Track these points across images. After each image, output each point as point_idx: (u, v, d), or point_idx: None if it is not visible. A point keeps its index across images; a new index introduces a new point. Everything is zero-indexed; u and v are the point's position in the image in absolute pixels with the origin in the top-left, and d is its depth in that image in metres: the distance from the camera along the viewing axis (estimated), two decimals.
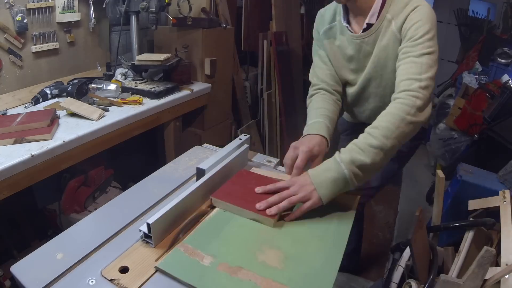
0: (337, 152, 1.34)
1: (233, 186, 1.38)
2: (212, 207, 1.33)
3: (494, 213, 2.10)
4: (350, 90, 1.92)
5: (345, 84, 1.93)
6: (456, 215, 2.47)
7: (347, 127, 2.32)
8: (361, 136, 1.37)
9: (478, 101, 3.66)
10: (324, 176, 1.28)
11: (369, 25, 1.66)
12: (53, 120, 1.97)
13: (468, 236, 1.99)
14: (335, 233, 1.24)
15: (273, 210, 1.23)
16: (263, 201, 1.26)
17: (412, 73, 1.44)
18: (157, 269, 1.03)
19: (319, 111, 1.69)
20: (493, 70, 4.68)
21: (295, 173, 1.40)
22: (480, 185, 2.51)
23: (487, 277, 1.60)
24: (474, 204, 2.28)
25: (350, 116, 2.21)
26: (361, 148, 1.31)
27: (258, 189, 1.33)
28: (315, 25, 1.90)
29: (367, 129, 1.37)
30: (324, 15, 1.84)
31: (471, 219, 2.18)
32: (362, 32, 1.68)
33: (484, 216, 2.16)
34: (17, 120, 1.91)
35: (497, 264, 1.77)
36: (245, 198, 1.30)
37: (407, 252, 2.00)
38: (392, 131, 1.33)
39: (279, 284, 0.99)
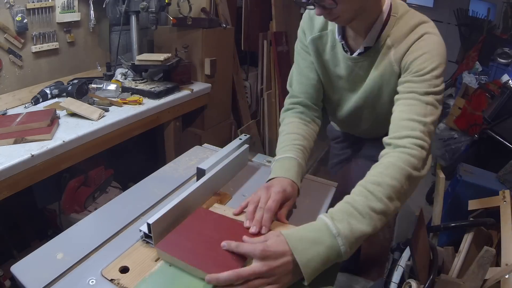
0: (328, 216, 1.05)
1: (185, 232, 1.10)
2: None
3: (494, 213, 2.10)
4: (338, 113, 1.75)
5: (333, 105, 1.74)
6: (456, 215, 2.48)
7: (338, 135, 2.17)
8: (359, 193, 1.10)
9: (478, 101, 3.67)
10: (313, 251, 0.98)
11: (367, 48, 1.42)
12: (53, 120, 1.97)
13: (468, 236, 1.99)
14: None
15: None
16: (215, 273, 0.94)
17: (416, 113, 1.21)
18: None
19: (292, 139, 1.46)
20: (493, 70, 4.69)
21: (267, 218, 1.13)
22: (480, 185, 2.51)
23: (487, 277, 1.60)
24: (474, 204, 2.29)
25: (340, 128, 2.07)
26: (361, 214, 1.05)
27: (223, 245, 1.02)
28: (301, 24, 1.61)
29: (367, 185, 1.11)
30: (314, 18, 1.54)
31: (471, 219, 2.19)
32: (358, 54, 1.45)
33: (484, 216, 2.16)
34: (17, 120, 1.91)
35: (497, 264, 1.77)
36: (197, 250, 1.03)
37: (407, 252, 2.01)
38: (397, 191, 1.09)
39: None
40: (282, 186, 1.24)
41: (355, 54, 1.45)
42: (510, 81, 3.79)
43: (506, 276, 1.62)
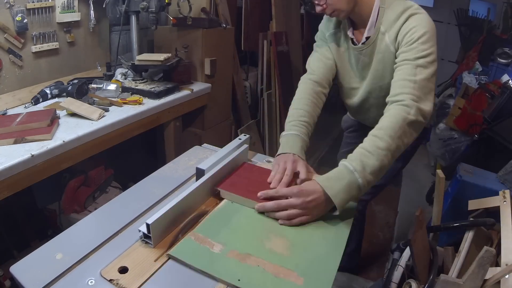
0: (344, 160, 1.35)
1: (238, 178, 1.44)
2: (219, 198, 1.38)
3: (494, 213, 2.10)
4: (352, 101, 1.99)
5: (348, 93, 1.99)
6: (456, 215, 2.47)
7: (352, 123, 2.39)
8: (366, 139, 1.39)
9: (478, 101, 3.66)
10: (339, 185, 1.28)
11: (368, 38, 1.71)
12: (53, 120, 1.97)
13: (468, 236, 1.99)
14: (337, 223, 1.30)
15: (270, 215, 1.29)
16: (263, 192, 1.32)
17: (407, 74, 1.46)
18: (170, 257, 1.08)
19: (299, 115, 1.68)
20: (493, 70, 4.69)
21: (284, 181, 1.39)
22: (480, 185, 2.51)
23: (487, 277, 1.60)
24: (474, 204, 2.28)
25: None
26: (369, 151, 1.33)
27: (260, 195, 1.32)
28: (320, 26, 1.92)
29: (372, 132, 1.40)
30: (329, 20, 1.85)
31: (471, 219, 2.18)
32: (362, 44, 1.73)
33: (484, 216, 2.15)
34: (17, 120, 1.91)
35: (497, 264, 1.77)
36: (250, 189, 1.35)
37: (407, 252, 2.00)
38: (395, 131, 1.36)
39: (286, 269, 1.06)
40: (294, 158, 1.48)
41: (359, 45, 1.75)
42: (510, 81, 3.78)
43: (506, 276, 1.62)
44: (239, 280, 1.00)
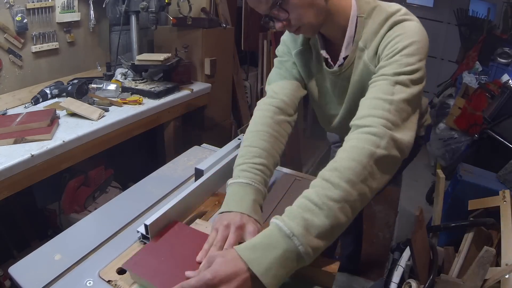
0: (280, 218, 0.96)
1: (156, 250, 1.06)
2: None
3: (494, 213, 2.09)
4: (329, 126, 1.66)
5: (323, 119, 1.66)
6: (456, 215, 2.47)
7: (338, 139, 2.13)
8: (316, 182, 1.01)
9: (478, 101, 3.66)
10: (269, 258, 0.90)
11: (346, 58, 1.33)
12: (53, 120, 1.97)
13: (468, 236, 1.99)
14: None
15: None
16: None
17: (382, 92, 1.09)
18: None
19: (255, 155, 1.25)
20: (493, 70, 4.68)
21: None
22: (480, 185, 2.50)
23: (487, 277, 1.60)
24: (474, 204, 2.28)
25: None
26: (317, 205, 0.95)
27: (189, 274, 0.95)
28: (284, 38, 1.58)
29: (323, 173, 1.02)
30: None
31: (471, 219, 2.18)
32: (338, 66, 1.36)
33: (484, 216, 2.15)
34: (17, 120, 1.91)
35: (497, 264, 1.77)
36: (170, 271, 0.99)
37: (407, 252, 2.00)
38: (358, 173, 0.97)
39: None
40: (237, 223, 1.08)
41: (335, 67, 1.37)
42: (510, 81, 3.78)
43: (506, 276, 1.62)
44: None
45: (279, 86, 1.45)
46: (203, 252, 1.03)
